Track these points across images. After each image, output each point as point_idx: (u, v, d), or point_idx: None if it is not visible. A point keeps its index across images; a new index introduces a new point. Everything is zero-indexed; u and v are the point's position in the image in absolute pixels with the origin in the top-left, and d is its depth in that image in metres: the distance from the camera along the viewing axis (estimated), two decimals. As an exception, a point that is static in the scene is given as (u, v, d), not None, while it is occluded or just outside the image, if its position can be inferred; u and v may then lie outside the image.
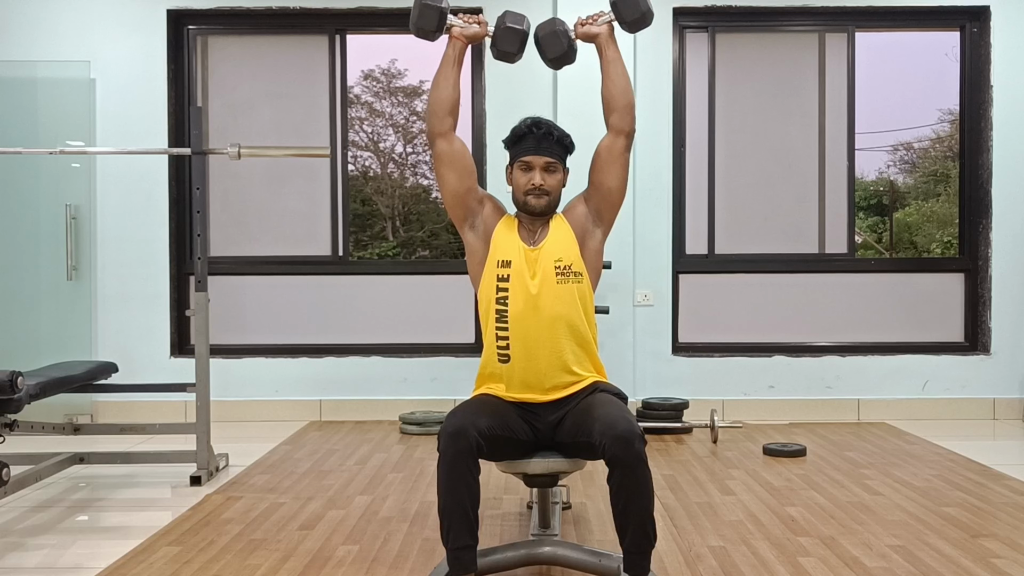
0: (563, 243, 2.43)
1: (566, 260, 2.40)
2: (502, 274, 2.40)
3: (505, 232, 2.46)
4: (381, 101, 11.25)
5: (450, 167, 2.48)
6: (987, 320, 4.96)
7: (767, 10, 4.96)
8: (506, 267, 2.40)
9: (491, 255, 2.44)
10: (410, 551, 2.69)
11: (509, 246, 2.42)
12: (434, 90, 2.52)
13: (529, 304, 2.37)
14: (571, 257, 2.41)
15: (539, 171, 2.44)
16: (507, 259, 2.41)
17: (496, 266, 2.41)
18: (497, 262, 2.42)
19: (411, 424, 4.58)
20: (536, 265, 2.39)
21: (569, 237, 2.44)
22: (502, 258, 2.41)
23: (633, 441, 2.12)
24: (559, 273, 2.39)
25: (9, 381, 2.87)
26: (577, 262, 2.42)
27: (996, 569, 2.51)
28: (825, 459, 3.94)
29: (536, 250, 2.41)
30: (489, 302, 2.42)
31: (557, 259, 2.40)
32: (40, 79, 4.86)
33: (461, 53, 2.51)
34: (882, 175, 13.14)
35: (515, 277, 2.38)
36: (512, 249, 2.42)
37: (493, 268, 2.42)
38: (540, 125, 2.47)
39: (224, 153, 3.63)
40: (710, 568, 2.53)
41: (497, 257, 2.42)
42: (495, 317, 2.40)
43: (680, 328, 5.04)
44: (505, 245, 2.43)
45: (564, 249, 2.42)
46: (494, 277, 2.41)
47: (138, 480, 3.66)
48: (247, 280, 5.10)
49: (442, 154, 2.48)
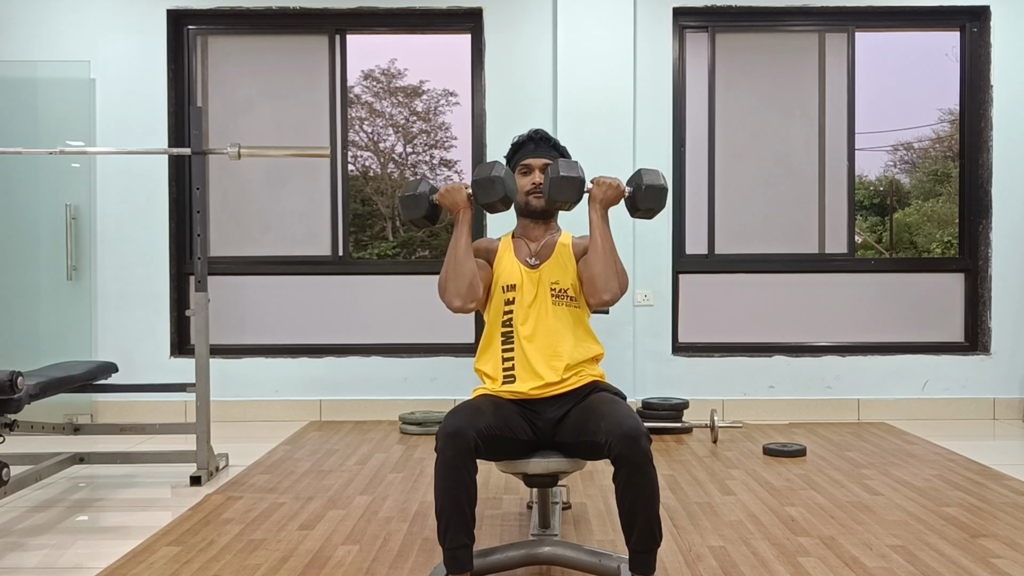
0: (562, 267, 2.50)
1: (562, 284, 2.49)
2: (508, 298, 2.49)
3: (505, 257, 2.55)
4: (381, 101, 11.25)
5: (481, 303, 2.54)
6: (987, 320, 4.96)
7: (767, 10, 4.96)
8: (511, 291, 2.49)
9: (496, 282, 2.53)
10: (410, 551, 2.69)
11: (512, 270, 2.51)
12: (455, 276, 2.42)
13: (531, 324, 2.45)
14: (567, 282, 2.49)
15: (538, 171, 2.54)
16: (511, 283, 2.49)
17: (502, 291, 2.50)
18: (503, 287, 2.50)
19: (411, 424, 4.58)
20: (536, 286, 2.48)
21: (570, 263, 2.52)
22: (507, 283, 2.50)
23: (640, 439, 2.12)
24: (555, 295, 2.47)
25: (9, 381, 2.87)
26: (574, 287, 2.50)
27: (996, 569, 2.51)
28: (825, 459, 3.94)
29: (536, 272, 2.50)
30: (495, 325, 2.50)
31: (554, 282, 2.48)
32: (40, 79, 4.86)
33: (471, 218, 2.46)
34: (885, 174, 13.14)
35: (519, 300, 2.47)
36: (515, 273, 2.51)
37: (500, 293, 2.51)
38: (537, 133, 2.59)
39: (224, 153, 3.63)
40: (710, 568, 2.53)
41: (502, 282, 2.51)
42: (500, 340, 2.47)
43: (680, 328, 5.04)
44: (508, 270, 2.52)
45: (562, 273, 2.50)
46: (501, 301, 2.50)
47: (138, 480, 3.66)
48: (247, 280, 5.10)
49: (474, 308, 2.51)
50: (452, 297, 2.43)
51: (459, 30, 5.09)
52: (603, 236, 2.42)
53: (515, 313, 2.46)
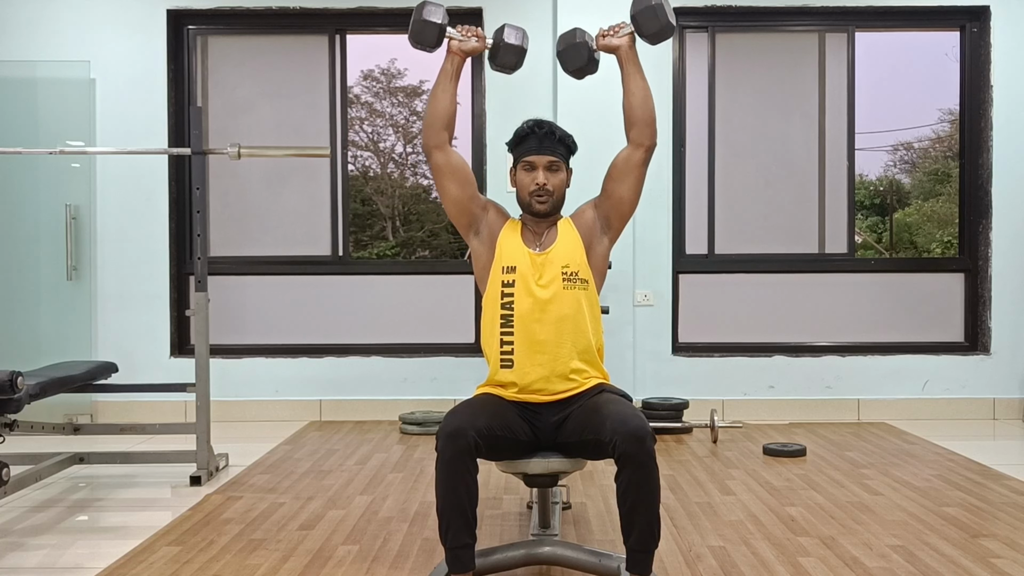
0: (571, 249, 2.45)
1: (573, 266, 2.43)
2: (507, 279, 2.42)
3: (510, 237, 2.48)
4: (381, 101, 11.26)
5: (450, 178, 2.49)
6: (987, 320, 4.96)
7: (767, 10, 4.96)
8: (511, 272, 2.42)
9: (496, 261, 2.46)
10: (410, 551, 2.69)
11: (514, 251, 2.45)
12: (431, 103, 2.51)
13: (535, 308, 2.39)
14: (578, 263, 2.44)
15: (542, 170, 2.46)
16: (512, 265, 2.43)
17: (501, 272, 2.44)
18: (502, 268, 2.44)
19: (411, 424, 4.58)
20: (543, 270, 2.41)
21: (576, 243, 2.46)
22: (507, 264, 2.43)
23: (645, 439, 2.12)
24: (566, 279, 2.41)
25: (9, 381, 2.86)
26: (584, 268, 2.44)
27: (996, 569, 2.51)
28: (825, 459, 3.94)
29: (544, 255, 2.43)
30: (495, 307, 2.43)
31: (564, 265, 2.42)
32: (40, 79, 4.86)
33: (459, 67, 2.53)
34: (885, 174, 13.15)
35: (520, 282, 2.41)
36: (517, 254, 2.44)
37: (499, 274, 2.44)
38: (542, 125, 2.49)
39: (224, 153, 3.63)
40: (710, 568, 2.53)
41: (502, 263, 2.44)
42: (500, 323, 2.42)
43: (680, 328, 5.04)
44: (510, 250, 2.45)
45: (571, 255, 2.44)
46: (499, 283, 2.43)
47: (138, 480, 3.66)
48: (247, 280, 5.10)
49: (440, 166, 2.50)
50: (426, 126, 2.48)
51: (459, 30, 5.08)
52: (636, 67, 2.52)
53: (515, 296, 2.40)
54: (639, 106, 2.49)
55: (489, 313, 2.46)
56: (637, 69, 2.50)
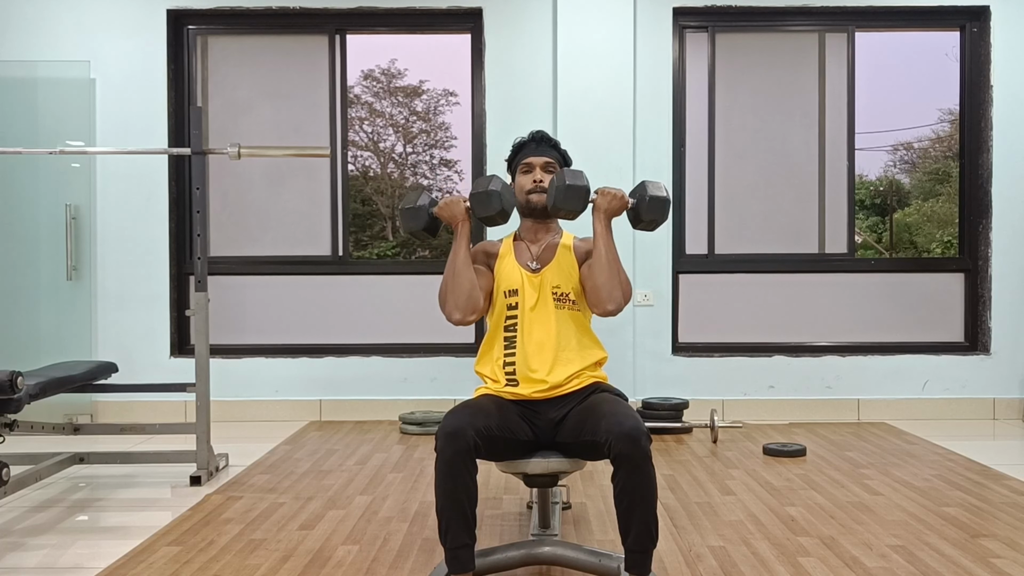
0: (564, 272, 2.51)
1: (564, 288, 2.49)
2: (511, 302, 2.49)
3: (507, 261, 2.55)
4: (381, 101, 11.26)
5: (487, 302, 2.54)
6: (987, 320, 4.96)
7: (767, 10, 4.96)
8: (513, 295, 2.49)
9: (498, 286, 2.54)
10: (410, 551, 2.69)
11: (513, 275, 2.52)
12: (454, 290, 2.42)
13: (534, 327, 2.45)
14: (569, 286, 2.50)
15: (539, 169, 2.56)
16: (513, 288, 2.50)
17: (504, 296, 2.51)
18: (504, 292, 2.51)
19: (411, 424, 4.58)
20: (537, 290, 2.48)
21: (572, 267, 2.52)
22: (508, 287, 2.51)
23: (640, 439, 2.12)
24: (557, 299, 2.48)
25: (9, 381, 2.87)
26: (576, 291, 2.50)
27: (996, 569, 2.51)
28: (825, 459, 3.94)
29: (537, 276, 2.50)
30: (498, 328, 2.51)
31: (555, 286, 2.49)
32: (40, 79, 4.86)
33: (469, 231, 2.48)
34: (885, 174, 13.14)
35: (521, 304, 2.48)
36: (515, 277, 2.51)
37: (502, 298, 2.51)
38: (538, 134, 2.61)
39: (224, 153, 3.63)
40: (710, 568, 2.53)
41: (503, 287, 2.51)
42: (503, 344, 2.48)
43: (680, 328, 5.04)
44: (509, 274, 2.52)
45: (564, 278, 2.50)
46: (503, 306, 2.51)
47: (138, 480, 3.66)
48: (247, 280, 5.10)
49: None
50: (452, 310, 2.44)
51: (459, 30, 5.09)
52: (607, 246, 2.42)
53: (519, 318, 2.47)
54: (600, 287, 2.42)
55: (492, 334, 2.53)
56: (603, 250, 2.42)
